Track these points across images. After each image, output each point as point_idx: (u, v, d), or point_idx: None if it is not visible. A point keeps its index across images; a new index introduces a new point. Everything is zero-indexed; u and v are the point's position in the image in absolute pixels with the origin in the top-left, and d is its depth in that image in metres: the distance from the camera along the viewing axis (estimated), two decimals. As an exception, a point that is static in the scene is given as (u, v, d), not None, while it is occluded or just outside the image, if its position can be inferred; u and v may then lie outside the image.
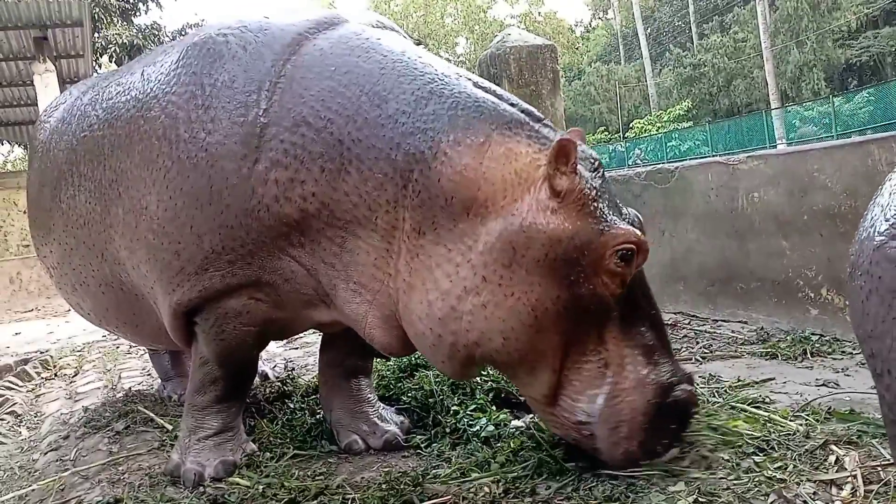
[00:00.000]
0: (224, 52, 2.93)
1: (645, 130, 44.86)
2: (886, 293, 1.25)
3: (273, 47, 2.89)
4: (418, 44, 3.36)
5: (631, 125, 47.93)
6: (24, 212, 13.58)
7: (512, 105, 2.70)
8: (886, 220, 1.30)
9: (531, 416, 3.12)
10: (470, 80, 2.80)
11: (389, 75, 2.75)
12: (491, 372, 3.57)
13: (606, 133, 51.86)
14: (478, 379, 3.59)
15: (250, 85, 2.83)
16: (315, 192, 2.72)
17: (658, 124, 44.61)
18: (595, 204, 2.48)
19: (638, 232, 2.50)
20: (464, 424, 3.13)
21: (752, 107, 44.64)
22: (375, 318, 2.78)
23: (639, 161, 36.05)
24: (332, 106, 2.73)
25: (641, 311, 2.58)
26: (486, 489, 2.53)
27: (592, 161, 2.62)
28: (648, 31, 55.39)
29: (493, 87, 2.81)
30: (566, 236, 2.43)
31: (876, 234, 1.30)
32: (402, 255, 2.65)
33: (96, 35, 21.59)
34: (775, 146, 29.98)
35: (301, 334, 6.15)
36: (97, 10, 21.10)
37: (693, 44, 52.88)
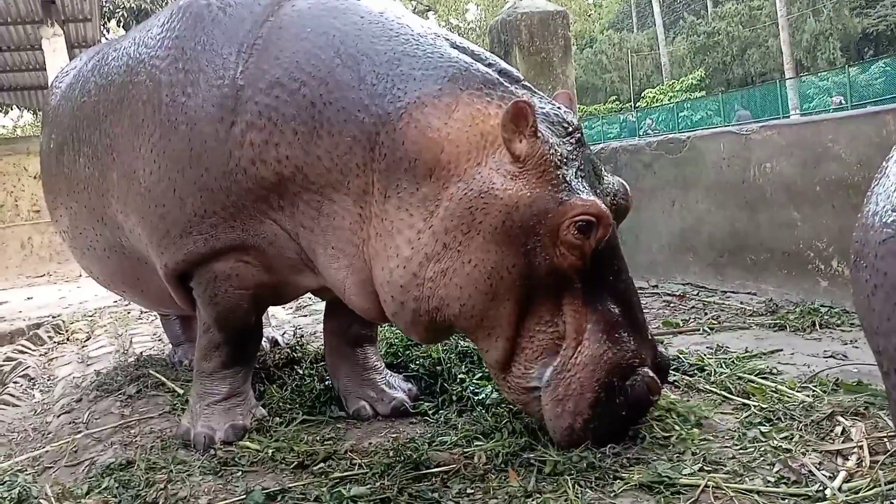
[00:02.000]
0: (205, 15, 2.93)
1: (657, 100, 44.35)
2: (892, 290, 1.20)
3: (253, 9, 2.88)
4: (427, 10, 3.29)
5: (643, 94, 47.40)
6: (35, 177, 13.63)
7: (489, 65, 2.62)
8: (894, 211, 1.24)
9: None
10: (448, 40, 2.73)
11: (364, 37, 2.70)
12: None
13: (618, 102, 51.33)
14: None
15: (229, 47, 2.82)
16: (289, 154, 2.70)
17: (670, 94, 44.10)
18: (557, 171, 2.39)
19: (600, 204, 2.38)
20: (469, 392, 3.15)
21: (767, 76, 44.01)
22: (353, 283, 2.77)
23: (650, 131, 35.70)
24: (306, 68, 2.70)
25: (609, 285, 2.48)
26: (489, 456, 2.55)
27: (566, 126, 2.52)
28: (662, -3, 54.44)
29: (473, 47, 2.74)
30: (523, 203, 2.37)
31: (882, 225, 1.24)
32: (372, 221, 2.63)
33: (104, -1, 21.40)
34: (789, 116, 29.62)
35: (310, 302, 6.19)
36: (105, -27, 20.88)
37: (707, 11, 52.03)
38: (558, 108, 2.60)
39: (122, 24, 23.25)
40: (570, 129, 2.52)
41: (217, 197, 2.82)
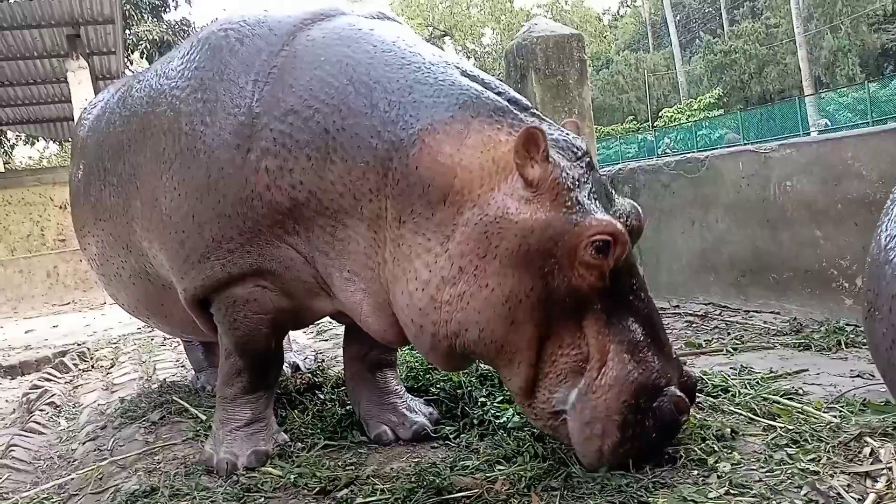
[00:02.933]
0: (223, 46, 3.01)
1: (674, 119, 44.27)
2: None
3: (269, 39, 2.95)
4: (444, 35, 3.37)
5: (660, 114, 47.33)
6: (61, 207, 13.89)
7: (498, 94, 2.66)
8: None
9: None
10: (458, 68, 2.78)
11: (377, 64, 2.75)
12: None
13: (635, 122, 51.28)
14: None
15: (245, 76, 2.90)
16: (303, 180, 2.75)
17: (688, 113, 43.99)
18: (570, 194, 2.40)
19: (616, 223, 2.39)
20: (490, 416, 3.14)
21: (785, 94, 43.82)
22: (370, 306, 2.80)
23: (668, 150, 35.60)
24: (320, 95, 2.75)
25: (630, 305, 2.47)
26: (512, 481, 2.53)
27: (575, 150, 2.54)
28: (678, 17, 54.57)
29: (483, 75, 2.78)
30: (539, 227, 2.38)
31: (894, 277, 1.17)
32: (388, 245, 2.65)
33: (127, 32, 21.88)
34: (809, 134, 29.41)
35: (330, 326, 6.21)
36: (128, 6, 21.39)
37: (724, 30, 52.02)
38: (567, 133, 2.63)
39: (144, 56, 23.75)
40: (580, 153, 2.54)
41: (234, 222, 2.87)
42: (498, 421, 3.08)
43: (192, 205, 2.94)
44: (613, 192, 2.62)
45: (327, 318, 3.57)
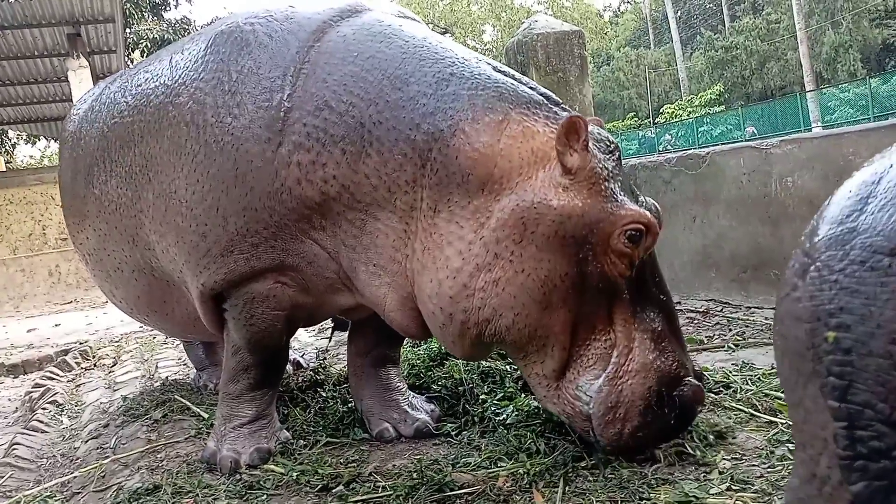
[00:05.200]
0: (251, 41, 3.01)
1: (675, 116, 44.24)
2: (794, 357, 1.04)
3: (298, 35, 2.95)
4: (444, 32, 3.41)
5: (661, 110, 47.30)
6: (62, 206, 13.91)
7: (531, 88, 2.74)
8: (792, 266, 1.08)
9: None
10: (490, 64, 2.84)
11: (411, 59, 2.79)
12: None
13: (636, 119, 51.27)
14: (507, 367, 3.60)
15: (275, 71, 2.89)
16: (336, 174, 2.76)
17: (689, 109, 43.96)
18: (606, 184, 2.49)
19: (648, 213, 2.49)
20: (491, 413, 3.14)
21: (786, 90, 43.76)
22: (394, 300, 2.82)
23: (669, 146, 35.57)
24: (355, 90, 2.77)
25: (652, 297, 2.57)
26: (514, 477, 2.54)
27: (608, 144, 2.62)
28: (678, 14, 54.48)
29: (513, 71, 2.83)
30: (576, 213, 2.45)
31: (785, 281, 1.10)
32: (419, 235, 2.69)
33: (128, 30, 21.88)
34: (810, 129, 29.37)
35: (333, 324, 6.21)
36: (128, 5, 21.36)
37: (724, 26, 51.95)
38: (599, 128, 2.70)
39: (145, 55, 23.74)
40: (612, 147, 2.63)
41: (261, 216, 2.87)
42: (499, 418, 3.09)
43: (217, 197, 2.92)
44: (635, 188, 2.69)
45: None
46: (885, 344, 0.90)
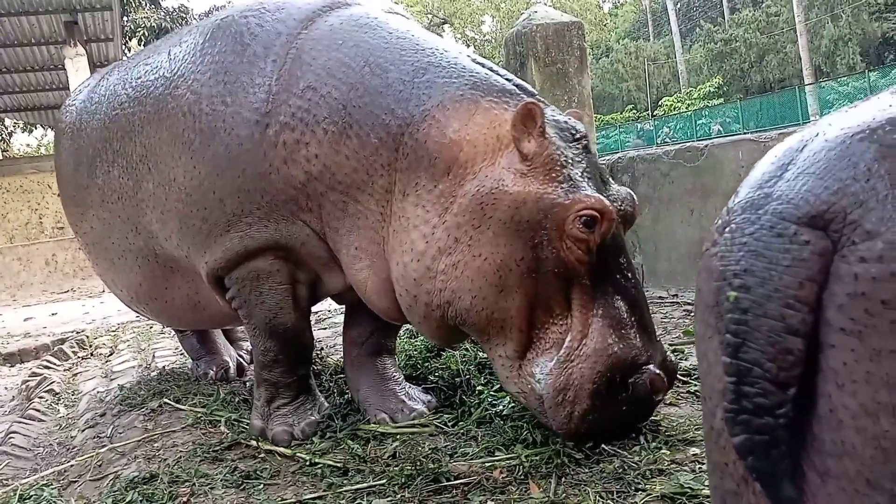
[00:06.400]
0: (244, 32, 3.15)
1: (674, 108, 44.18)
2: (704, 311, 1.06)
3: (287, 23, 3.09)
4: (443, 23, 3.47)
5: (660, 103, 47.24)
6: (59, 195, 13.88)
7: (506, 79, 2.80)
8: (716, 223, 1.09)
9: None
10: (469, 56, 2.94)
11: (392, 49, 2.90)
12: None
13: (635, 111, 51.19)
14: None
15: (265, 58, 3.03)
16: (318, 153, 2.86)
17: (688, 102, 43.91)
18: (563, 170, 2.52)
19: (604, 200, 2.49)
20: (488, 404, 3.15)
21: (785, 83, 43.66)
22: (374, 283, 2.90)
23: (668, 139, 35.56)
24: (338, 74, 2.88)
25: (616, 283, 2.56)
26: (510, 468, 2.55)
27: (573, 133, 2.65)
28: (678, 6, 54.33)
29: (492, 64, 2.91)
30: (531, 199, 2.48)
31: (710, 236, 1.12)
32: (392, 219, 2.77)
33: (125, 19, 21.79)
34: (809, 122, 29.35)
35: (329, 314, 6.22)
36: (125, -7, 21.26)
37: (724, 19, 51.79)
38: (568, 118, 2.73)
39: (142, 43, 23.62)
40: (577, 135, 2.66)
41: (253, 197, 2.97)
42: (495, 409, 3.09)
43: (213, 181, 3.04)
44: (611, 179, 2.70)
45: (326, 307, 3.58)
46: (780, 307, 0.94)
